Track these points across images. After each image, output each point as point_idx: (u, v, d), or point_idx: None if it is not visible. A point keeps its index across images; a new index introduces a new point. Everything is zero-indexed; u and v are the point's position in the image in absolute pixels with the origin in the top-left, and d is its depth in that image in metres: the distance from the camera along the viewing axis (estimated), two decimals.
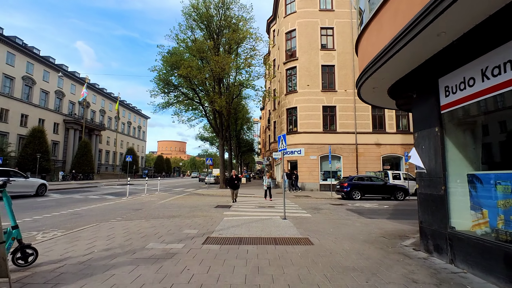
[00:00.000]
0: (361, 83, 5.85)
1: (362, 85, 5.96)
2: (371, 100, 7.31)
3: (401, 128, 24.32)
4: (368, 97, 7.00)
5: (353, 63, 24.19)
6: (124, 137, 68.52)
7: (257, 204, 13.36)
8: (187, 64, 20.42)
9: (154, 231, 6.37)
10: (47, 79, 44.56)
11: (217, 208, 11.27)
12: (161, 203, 12.66)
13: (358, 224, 8.01)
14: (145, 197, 15.20)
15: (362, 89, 6.27)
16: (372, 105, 7.81)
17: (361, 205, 13.70)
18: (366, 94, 6.71)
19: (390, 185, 17.07)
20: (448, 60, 4.12)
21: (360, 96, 6.98)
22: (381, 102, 7.25)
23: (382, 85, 5.76)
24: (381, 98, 6.76)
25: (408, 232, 6.75)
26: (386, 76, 5.19)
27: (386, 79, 5.36)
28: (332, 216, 10.10)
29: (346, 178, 17.67)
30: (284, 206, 8.98)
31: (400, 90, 5.64)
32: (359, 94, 6.85)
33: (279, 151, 9.30)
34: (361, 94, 6.74)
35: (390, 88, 5.86)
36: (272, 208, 11.95)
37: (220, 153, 26.53)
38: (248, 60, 23.19)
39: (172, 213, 9.68)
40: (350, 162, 23.54)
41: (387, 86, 5.78)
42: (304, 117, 23.80)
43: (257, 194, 19.18)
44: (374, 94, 6.54)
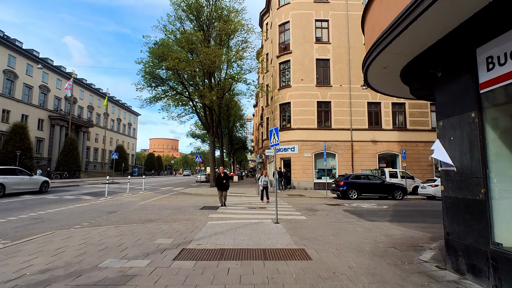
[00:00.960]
0: (369, 61, 4.84)
1: (371, 64, 4.94)
2: (380, 86, 6.29)
3: (397, 124, 23.53)
4: (377, 82, 5.98)
5: (348, 57, 23.28)
6: (113, 134, 66.61)
7: (248, 204, 12.31)
8: (174, 56, 19.16)
9: (119, 242, 5.26)
10: (30, 73, 42.59)
11: (202, 210, 10.18)
12: (141, 204, 11.51)
13: (360, 228, 7.03)
14: (126, 197, 13.99)
15: (371, 71, 5.25)
16: (380, 92, 6.77)
17: (359, 205, 12.78)
18: (375, 78, 5.69)
19: (388, 184, 16.22)
20: (495, 20, 3.10)
21: (367, 80, 5.96)
22: (391, 88, 6.24)
23: (396, 64, 4.75)
24: (392, 83, 5.75)
25: (420, 241, 5.79)
26: (404, 50, 4.17)
27: (403, 54, 4.34)
28: (329, 218, 9.12)
29: (342, 177, 16.76)
30: (276, 207, 7.95)
31: (418, 69, 4.63)
32: (365, 78, 5.84)
33: (271, 146, 8.25)
34: (368, 77, 5.72)
35: (405, 68, 4.85)
36: (263, 209, 10.91)
37: (211, 150, 25.38)
38: (240, 53, 22.04)
39: (150, 217, 8.56)
40: (345, 159, 22.67)
41: (402, 64, 4.77)
42: (298, 113, 22.81)
43: (249, 193, 18.15)
44: (384, 78, 5.53)
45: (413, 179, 19.68)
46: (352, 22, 23.58)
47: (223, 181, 11.33)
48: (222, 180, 11.33)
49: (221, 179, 11.36)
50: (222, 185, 11.35)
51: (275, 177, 9.10)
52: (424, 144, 22.99)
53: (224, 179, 11.36)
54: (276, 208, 7.94)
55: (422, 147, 22.96)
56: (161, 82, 22.77)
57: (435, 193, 16.19)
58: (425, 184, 16.96)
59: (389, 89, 6.35)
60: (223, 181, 11.32)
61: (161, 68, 21.27)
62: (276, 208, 7.94)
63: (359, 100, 23.13)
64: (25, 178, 14.50)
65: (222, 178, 11.37)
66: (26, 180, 14.49)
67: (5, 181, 13.02)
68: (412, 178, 19.62)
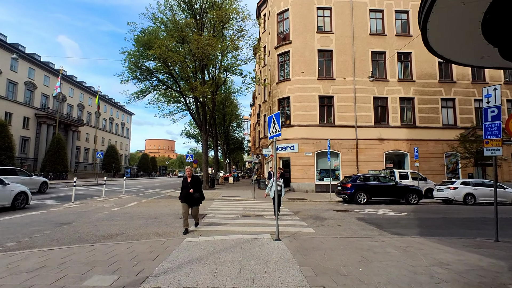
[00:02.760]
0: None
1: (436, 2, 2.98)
2: (446, 46, 4.13)
3: (406, 121, 21.70)
4: (442, 39, 3.92)
5: (353, 48, 21.43)
6: (105, 134, 64.31)
7: (242, 211, 10.35)
8: (161, 43, 17.18)
9: (24, 285, 3.28)
10: (15, 69, 40.33)
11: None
12: (111, 211, 9.49)
13: (393, 250, 5.10)
14: (98, 203, 11.93)
15: (433, 18, 3.28)
16: (445, 59, 4.56)
17: (372, 212, 10.87)
18: (440, 31, 3.68)
19: (401, 186, 14.33)
20: None
21: (426, 36, 3.93)
22: (464, 50, 4.14)
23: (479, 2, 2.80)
24: (466, 42, 3.77)
25: (500, 276, 3.86)
26: None
27: None
28: (344, 231, 7.19)
29: (348, 178, 14.85)
30: (276, 219, 5.99)
31: None
32: (424, 33, 3.83)
33: (271, 138, 6.33)
34: (428, 30, 3.70)
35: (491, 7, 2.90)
36: (261, 218, 8.95)
37: (203, 149, 23.37)
38: (235, 42, 20.08)
39: (111, 231, 6.58)
40: (350, 159, 20.79)
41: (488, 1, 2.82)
42: (298, 108, 20.91)
43: (244, 196, 16.20)
44: (454, 32, 3.55)
45: (426, 180, 17.83)
46: (356, 10, 21.77)
47: (190, 190, 6.56)
48: (188, 188, 6.59)
49: (187, 186, 6.63)
50: (188, 197, 6.58)
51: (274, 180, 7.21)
52: (434, 142, 21.19)
53: (192, 186, 6.62)
54: (277, 219, 5.99)
55: (432, 146, 21.14)
56: (148, 74, 20.74)
57: (454, 197, 14.35)
58: (442, 186, 15.11)
59: (459, 52, 4.24)
60: (189, 189, 6.57)
61: (147, 58, 19.23)
62: (277, 219, 5.99)
63: (365, 94, 21.28)
64: (25, 178, 13.98)
65: (188, 185, 6.63)
66: (26, 181, 13.76)
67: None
68: (424, 179, 17.77)
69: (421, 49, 21.85)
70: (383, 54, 21.89)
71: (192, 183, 6.65)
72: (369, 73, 21.11)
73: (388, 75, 21.61)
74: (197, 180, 6.79)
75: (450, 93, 21.81)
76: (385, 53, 21.79)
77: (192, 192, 6.55)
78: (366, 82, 21.29)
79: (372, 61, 21.72)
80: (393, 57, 21.61)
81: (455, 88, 21.89)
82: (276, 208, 6.45)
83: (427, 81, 21.77)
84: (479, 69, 22.41)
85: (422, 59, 21.85)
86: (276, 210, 6.64)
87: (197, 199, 6.75)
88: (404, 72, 22.14)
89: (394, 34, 21.94)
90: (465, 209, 12.32)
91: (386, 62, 21.70)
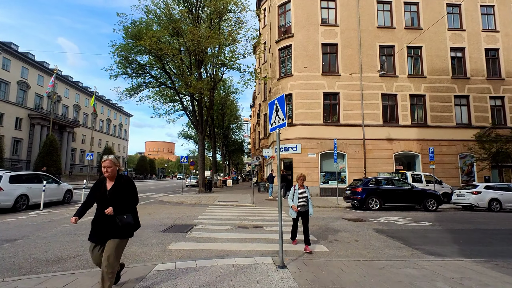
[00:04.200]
0: None
1: None
2: None
3: (416, 120, 20.18)
4: None
5: (359, 41, 19.98)
6: (102, 135, 62.89)
7: (238, 220, 8.83)
8: (152, 34, 15.75)
9: None
10: (7, 67, 39.02)
11: (165, 234, 6.67)
12: (81, 221, 7.94)
13: (445, 285, 3.60)
14: (73, 210, 10.21)
15: None
16: None
17: (390, 221, 9.35)
18: None
19: (418, 191, 12.79)
20: None
21: None
22: None
23: None
24: None
25: None
26: None
27: None
28: (365, 249, 5.69)
29: (358, 181, 13.33)
30: (280, 234, 4.48)
31: None
32: None
33: (272, 130, 4.86)
34: None
35: None
36: (260, 230, 7.44)
37: (200, 150, 21.90)
38: (233, 35, 18.65)
39: (63, 252, 5.08)
40: (357, 161, 19.27)
41: None
42: (301, 106, 19.42)
43: (243, 201, 14.69)
44: None
45: (441, 183, 16.30)
46: (363, 2, 20.35)
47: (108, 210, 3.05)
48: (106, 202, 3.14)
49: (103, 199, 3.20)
50: (105, 226, 3.14)
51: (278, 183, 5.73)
52: (448, 143, 19.67)
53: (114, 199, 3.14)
54: (281, 235, 4.47)
55: (446, 146, 19.62)
56: (139, 69, 19.28)
57: (477, 202, 12.81)
58: (463, 190, 13.56)
59: None
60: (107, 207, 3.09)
61: (138, 51, 17.79)
62: (281, 235, 4.47)
63: (372, 91, 19.80)
64: (52, 186, 12.08)
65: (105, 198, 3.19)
66: (53, 189, 12.14)
67: (29, 191, 10.51)
68: (439, 182, 16.23)
69: (432, 42, 20.46)
70: (391, 48, 20.43)
71: (115, 193, 3.17)
72: (376, 68, 19.67)
73: (397, 71, 20.14)
74: (126, 186, 3.24)
75: (464, 90, 20.32)
76: (393, 47, 20.34)
77: (111, 213, 3.03)
78: (374, 78, 19.83)
79: (380, 56, 20.27)
80: (402, 51, 20.15)
81: (469, 84, 20.40)
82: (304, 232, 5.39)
83: (439, 77, 20.30)
84: (495, 65, 20.96)
85: (433, 53, 20.40)
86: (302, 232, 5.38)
87: (123, 228, 3.11)
88: (414, 67, 20.67)
89: (403, 27, 20.49)
90: (494, 218, 10.79)
91: (395, 57, 20.24)
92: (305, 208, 5.63)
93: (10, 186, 9.81)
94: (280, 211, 4.57)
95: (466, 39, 20.74)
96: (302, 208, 5.60)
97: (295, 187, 5.79)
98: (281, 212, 4.57)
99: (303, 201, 5.61)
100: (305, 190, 5.75)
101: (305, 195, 5.66)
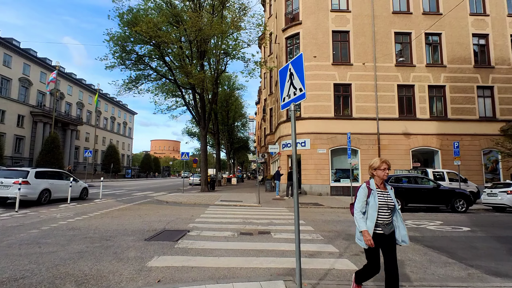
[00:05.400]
0: None
1: None
2: None
3: (435, 113, 18.62)
4: None
5: (373, 29, 18.48)
6: (106, 133, 62.24)
7: (241, 224, 7.55)
8: (149, 19, 14.52)
9: None
10: (8, 64, 38.35)
11: (150, 243, 5.39)
12: (54, 226, 6.67)
13: None
14: (53, 211, 9.02)
15: None
16: None
17: (419, 225, 7.97)
18: None
19: (445, 190, 11.33)
20: None
21: None
22: None
23: None
24: None
25: None
26: None
27: None
28: (406, 266, 4.35)
29: None
30: (297, 252, 3.17)
31: None
32: None
33: (285, 106, 3.56)
34: None
35: None
36: (267, 237, 6.14)
37: (202, 146, 20.67)
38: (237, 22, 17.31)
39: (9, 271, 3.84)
40: (370, 157, 17.77)
41: None
42: (310, 98, 18.03)
43: (247, 200, 13.42)
44: None
45: (466, 182, 14.77)
46: None
47: None
48: None
49: None
50: None
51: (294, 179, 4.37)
52: (470, 137, 18.08)
53: None
54: (298, 250, 3.16)
55: (468, 142, 18.02)
56: (138, 60, 18.10)
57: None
58: (495, 190, 12.04)
59: None
60: None
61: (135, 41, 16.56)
62: (298, 250, 3.16)
63: (387, 82, 18.30)
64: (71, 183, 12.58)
65: None
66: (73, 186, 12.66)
67: (51, 186, 11.41)
68: (465, 180, 14.71)
69: (452, 29, 18.83)
70: (408, 35, 18.88)
71: None
72: (392, 57, 18.16)
73: (414, 60, 18.58)
74: None
75: (488, 80, 18.67)
76: (410, 34, 18.78)
77: None
78: (389, 68, 18.33)
79: (396, 44, 18.73)
80: (420, 38, 18.58)
81: (493, 74, 18.72)
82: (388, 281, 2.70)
83: (460, 66, 18.68)
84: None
85: (454, 40, 18.78)
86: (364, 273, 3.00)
87: None
88: (433, 56, 19.08)
89: (420, 13, 18.90)
90: None
91: (412, 45, 18.68)
92: (391, 228, 2.88)
93: (36, 181, 10.60)
94: (297, 214, 3.26)
95: (490, 24, 19.05)
96: (385, 227, 2.83)
97: (369, 185, 2.91)
98: (298, 216, 3.26)
99: (387, 214, 2.84)
100: (388, 191, 2.94)
101: (391, 200, 2.87)
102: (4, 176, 10.29)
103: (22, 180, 9.67)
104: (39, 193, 10.62)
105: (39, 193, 10.62)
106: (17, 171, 11.05)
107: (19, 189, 9.19)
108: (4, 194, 10.00)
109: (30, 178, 10.34)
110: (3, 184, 10.01)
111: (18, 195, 9.09)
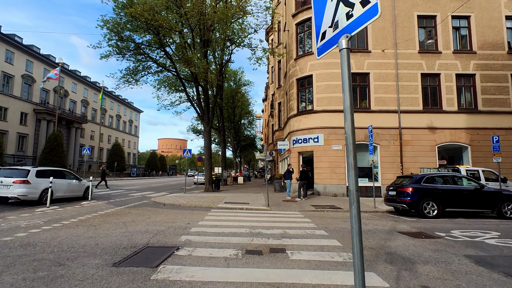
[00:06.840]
0: None
1: None
2: None
3: (464, 105, 16.71)
4: None
5: (393, 12, 16.65)
6: (112, 131, 61.46)
7: (248, 233, 5.99)
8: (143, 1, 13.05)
9: None
10: (11, 61, 37.59)
11: (119, 269, 3.84)
12: (6, 240, 5.14)
13: None
14: (24, 218, 7.44)
15: None
16: None
17: (473, 238, 6.26)
18: None
19: (490, 192, 9.54)
20: None
21: None
22: None
23: None
24: None
25: None
26: None
27: None
28: None
29: (406, 179, 10.19)
30: None
31: None
32: None
33: (333, 40, 1.99)
34: None
35: None
36: (282, 258, 4.55)
37: (206, 143, 19.18)
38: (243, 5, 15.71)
39: None
40: (391, 154, 16.06)
41: None
42: (323, 89, 16.34)
43: (255, 202, 11.85)
44: None
45: (506, 181, 12.92)
46: None
47: None
48: None
49: None
50: None
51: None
52: (505, 132, 16.12)
53: None
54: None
55: (502, 136, 15.88)
56: (136, 49, 16.68)
57: None
58: None
59: None
60: None
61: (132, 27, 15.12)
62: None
63: (410, 71, 16.47)
64: (74, 182, 12.55)
65: None
66: (75, 185, 12.64)
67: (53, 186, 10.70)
68: (504, 180, 12.85)
69: (483, 11, 16.82)
70: (432, 18, 16.96)
71: None
72: (414, 43, 16.31)
73: (440, 46, 16.67)
74: None
75: None
76: (435, 18, 16.86)
77: None
78: (412, 55, 16.49)
79: (419, 28, 16.86)
80: (446, 22, 16.66)
81: None
82: None
83: (492, 52, 16.69)
84: None
85: (484, 24, 16.80)
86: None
87: None
88: (461, 41, 17.12)
89: None
90: None
91: (437, 29, 16.77)
92: None
93: (37, 180, 10.36)
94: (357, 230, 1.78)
95: None
96: None
97: None
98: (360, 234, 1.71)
99: None
100: None
101: None
102: (4, 175, 10.11)
103: (23, 180, 9.86)
104: (40, 192, 10.43)
105: (40, 193, 10.43)
106: (18, 170, 10.70)
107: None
108: (4, 194, 9.81)
109: (30, 177, 10.18)
110: (3, 184, 9.87)
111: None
